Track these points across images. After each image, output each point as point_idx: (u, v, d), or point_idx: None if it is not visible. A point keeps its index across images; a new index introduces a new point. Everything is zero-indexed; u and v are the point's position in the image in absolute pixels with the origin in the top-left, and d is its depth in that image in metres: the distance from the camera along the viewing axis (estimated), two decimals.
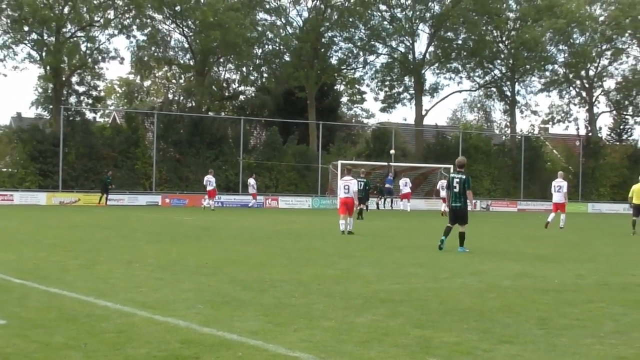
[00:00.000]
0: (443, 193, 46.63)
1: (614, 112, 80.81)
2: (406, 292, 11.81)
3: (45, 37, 55.78)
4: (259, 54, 65.86)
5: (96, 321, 8.86)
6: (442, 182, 51.31)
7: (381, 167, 57.45)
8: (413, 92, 70.13)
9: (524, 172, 66.81)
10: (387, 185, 53.86)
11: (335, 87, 76.19)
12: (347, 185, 25.63)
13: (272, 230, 26.90)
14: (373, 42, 68.60)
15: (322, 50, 66.38)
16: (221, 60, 66.41)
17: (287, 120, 63.06)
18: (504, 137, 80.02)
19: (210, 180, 46.02)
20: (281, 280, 12.82)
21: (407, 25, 67.01)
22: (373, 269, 14.81)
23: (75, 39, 56.96)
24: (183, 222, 31.66)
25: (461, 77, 73.53)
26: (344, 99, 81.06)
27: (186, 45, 63.50)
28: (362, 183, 36.02)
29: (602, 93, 79.64)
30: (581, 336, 8.68)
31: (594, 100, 78.36)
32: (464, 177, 19.43)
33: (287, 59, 65.92)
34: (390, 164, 54.78)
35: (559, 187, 31.97)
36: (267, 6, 65.27)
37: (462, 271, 14.82)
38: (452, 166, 57.21)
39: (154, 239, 21.52)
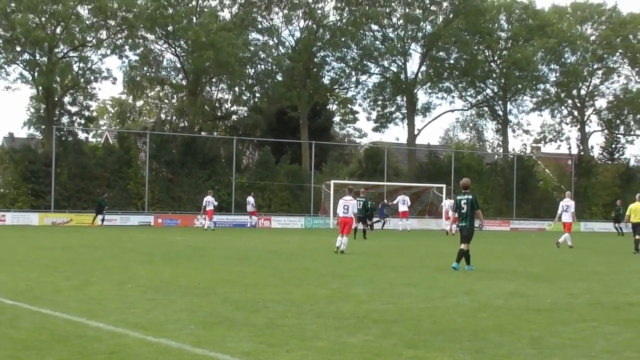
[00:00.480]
0: (451, 214, 46.68)
1: (606, 131, 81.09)
2: (399, 312, 11.82)
3: (37, 57, 55.80)
4: (252, 74, 65.95)
5: (88, 342, 8.85)
6: (448, 202, 51.40)
7: (374, 187, 57.54)
8: (405, 111, 70.25)
9: (516, 191, 66.88)
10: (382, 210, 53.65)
11: (328, 107, 76.29)
12: (347, 205, 25.84)
13: (265, 250, 26.87)
14: (365, 62, 68.84)
15: (315, 69, 66.54)
16: (213, 80, 66.47)
17: (279, 140, 63.14)
18: (496, 157, 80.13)
19: (209, 201, 46.16)
20: (274, 300, 12.82)
21: (399, 45, 67.21)
22: (365, 289, 14.80)
23: (67, 59, 56.97)
24: (175, 242, 31.61)
25: (453, 97, 73.76)
26: (337, 119, 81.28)
27: (178, 65, 63.54)
28: (362, 202, 36.03)
29: (594, 112, 79.97)
30: (573, 356, 8.70)
31: (585, 119, 78.66)
32: (470, 197, 19.93)
33: (280, 78, 66.04)
34: (386, 201, 54.46)
35: (567, 206, 32.81)
36: (260, 26, 65.54)
37: (455, 291, 14.84)
38: (444, 185, 57.81)
39: (146, 259, 21.48)
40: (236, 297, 13.12)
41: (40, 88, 55.70)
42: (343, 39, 65.43)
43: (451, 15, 66.74)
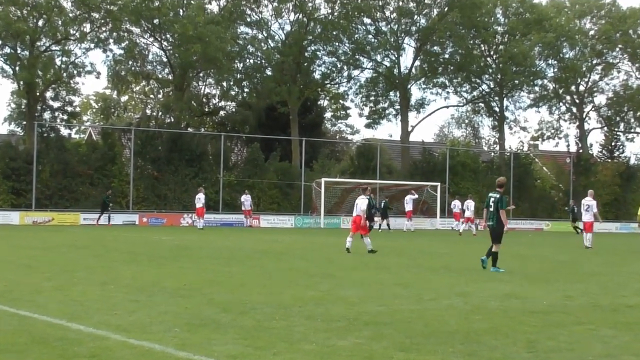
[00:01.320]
0: (468, 213, 47.08)
1: (605, 128, 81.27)
2: (390, 314, 11.82)
3: (18, 51, 55.65)
4: (240, 69, 65.84)
5: (69, 345, 8.82)
6: (455, 202, 51.52)
7: (367, 186, 57.54)
8: (399, 107, 70.31)
9: (513, 189, 66.84)
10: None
11: (319, 103, 76.41)
12: (357, 204, 26.58)
13: (253, 250, 26.87)
14: (357, 56, 68.78)
15: (305, 64, 66.47)
16: (201, 74, 66.41)
17: (269, 137, 63.05)
18: (492, 154, 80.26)
19: (199, 198, 46.32)
20: (261, 302, 12.81)
21: (392, 39, 67.24)
22: (356, 290, 14.80)
23: (50, 52, 56.86)
24: (161, 242, 31.56)
25: (448, 92, 73.84)
26: (328, 115, 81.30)
27: (165, 59, 63.43)
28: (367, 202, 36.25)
29: (593, 109, 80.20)
30: (569, 359, 8.70)
31: (584, 116, 78.88)
32: (498, 196, 20.28)
33: (269, 73, 65.94)
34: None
35: (588, 206, 32.66)
36: (249, 19, 65.37)
37: (447, 292, 14.84)
38: (438, 183, 58.03)
39: (130, 259, 21.44)
40: (223, 299, 13.11)
41: (21, 83, 55.55)
42: (334, 33, 65.35)
43: (446, 9, 66.69)
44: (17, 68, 55.00)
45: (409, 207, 50.84)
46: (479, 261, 20.43)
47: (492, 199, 20.39)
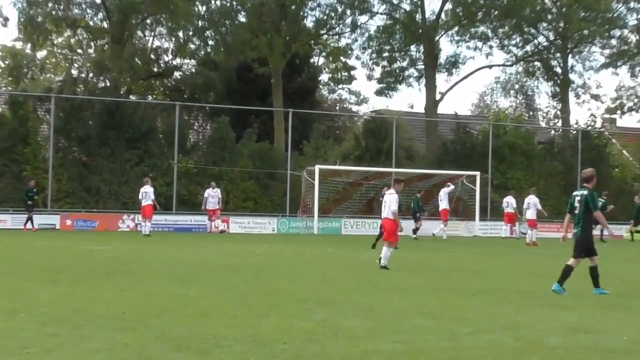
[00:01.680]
0: (530, 213, 46.92)
1: None
2: (410, 353, 11.82)
3: None
4: (202, 13, 65.81)
5: None
6: (508, 200, 51.38)
7: (378, 176, 57.62)
8: (422, 67, 70.39)
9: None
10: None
11: (312, 61, 76.47)
12: (384, 202, 27.03)
13: (220, 265, 26.91)
14: None
15: (293, 7, 66.41)
16: (147, 21, 66.41)
17: (242, 107, 63.05)
18: (552, 132, 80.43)
19: (146, 192, 46.33)
20: (231, 336, 12.80)
21: None
22: (363, 321, 14.81)
23: None
24: (91, 253, 31.59)
25: (491, 47, 73.96)
26: (324, 77, 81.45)
27: (98, 1, 63.38)
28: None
29: None
30: None
31: None
32: (585, 193, 20.33)
33: (242, 19, 65.94)
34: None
35: None
36: None
37: (490, 324, 14.85)
38: (478, 173, 57.93)
39: (48, 278, 21.42)
40: (177, 332, 13.11)
41: None
42: None
43: None
44: None
45: (443, 204, 50.52)
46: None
47: (577, 198, 20.40)
